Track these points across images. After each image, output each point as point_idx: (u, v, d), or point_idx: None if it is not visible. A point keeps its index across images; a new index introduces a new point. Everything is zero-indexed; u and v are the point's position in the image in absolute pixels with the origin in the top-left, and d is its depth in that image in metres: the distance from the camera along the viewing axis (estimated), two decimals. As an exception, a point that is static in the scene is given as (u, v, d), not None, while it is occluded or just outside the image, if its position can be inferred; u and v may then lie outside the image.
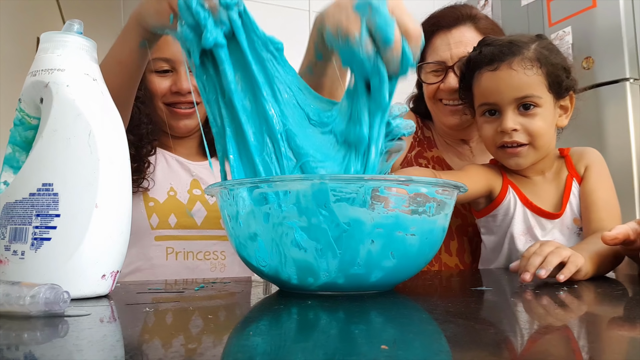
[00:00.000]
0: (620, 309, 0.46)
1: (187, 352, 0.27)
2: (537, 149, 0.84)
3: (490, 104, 0.85)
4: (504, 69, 0.82)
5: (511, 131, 0.82)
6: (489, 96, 0.85)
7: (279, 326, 0.35)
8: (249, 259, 0.52)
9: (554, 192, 0.89)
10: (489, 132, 0.86)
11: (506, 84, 0.82)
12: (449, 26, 1.02)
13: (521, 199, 0.89)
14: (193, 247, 0.95)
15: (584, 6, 1.92)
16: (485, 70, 0.85)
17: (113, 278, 0.49)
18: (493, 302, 0.49)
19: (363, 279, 0.48)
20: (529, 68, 0.81)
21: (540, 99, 0.82)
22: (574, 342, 0.31)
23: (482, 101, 0.86)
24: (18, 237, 0.45)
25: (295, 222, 0.46)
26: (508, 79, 0.82)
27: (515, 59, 0.82)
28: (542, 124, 0.82)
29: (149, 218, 0.93)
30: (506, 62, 0.82)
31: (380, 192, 0.47)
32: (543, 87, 0.82)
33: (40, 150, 0.47)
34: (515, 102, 0.82)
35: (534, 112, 0.82)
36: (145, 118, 0.99)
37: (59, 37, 0.49)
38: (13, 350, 0.28)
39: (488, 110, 0.86)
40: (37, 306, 0.36)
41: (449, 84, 1.00)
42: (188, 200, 0.98)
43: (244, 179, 0.57)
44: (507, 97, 0.82)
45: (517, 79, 0.81)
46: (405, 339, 0.31)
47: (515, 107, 0.83)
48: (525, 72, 0.81)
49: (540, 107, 0.82)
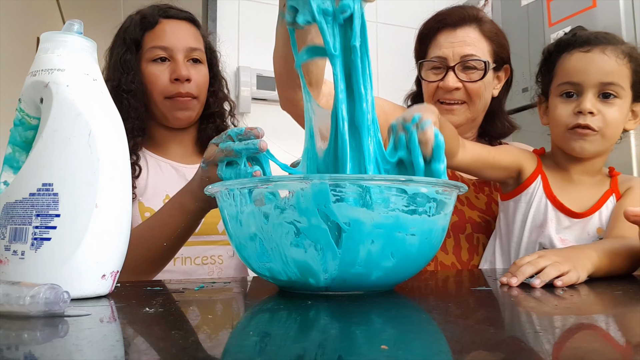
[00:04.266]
0: (619, 309, 0.46)
1: (187, 352, 0.27)
2: (604, 139, 0.85)
3: (574, 83, 0.85)
4: (596, 52, 0.84)
5: (587, 113, 0.83)
6: (574, 75, 0.85)
7: (279, 326, 0.35)
8: (249, 259, 0.52)
9: (588, 197, 0.88)
10: (563, 113, 0.86)
11: (596, 66, 0.83)
12: (454, 25, 1.02)
13: (546, 190, 0.89)
14: (190, 253, 0.96)
15: (584, 6, 1.91)
16: (577, 51, 0.85)
17: (113, 278, 0.49)
18: (493, 302, 0.49)
19: (363, 279, 0.48)
20: (621, 58, 0.83)
21: (622, 90, 0.83)
22: (574, 342, 0.31)
23: (566, 80, 0.86)
24: (18, 237, 0.45)
25: (295, 222, 0.46)
26: (599, 61, 0.83)
27: (609, 46, 0.84)
28: (617, 115, 0.83)
29: None
30: (600, 47, 0.84)
31: (380, 192, 0.47)
32: (627, 81, 0.83)
33: (40, 150, 0.47)
34: (598, 87, 0.83)
35: (613, 102, 0.83)
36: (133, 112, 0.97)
37: (59, 37, 0.49)
38: (13, 350, 0.28)
39: (566, 92, 0.86)
40: (37, 306, 0.36)
41: (449, 82, 1.00)
42: None
43: (244, 179, 0.57)
44: (593, 79, 0.83)
45: (608, 63, 0.83)
46: (405, 339, 0.31)
47: (596, 92, 0.83)
48: (617, 60, 0.83)
49: (620, 99, 0.83)
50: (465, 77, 1.01)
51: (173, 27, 1.00)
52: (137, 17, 1.01)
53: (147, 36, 0.99)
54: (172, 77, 0.97)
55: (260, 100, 2.22)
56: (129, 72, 0.97)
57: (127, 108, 0.96)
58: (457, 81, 1.01)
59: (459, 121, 1.03)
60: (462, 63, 1.01)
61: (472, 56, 1.00)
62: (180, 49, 0.99)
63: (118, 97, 0.96)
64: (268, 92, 2.21)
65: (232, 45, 2.22)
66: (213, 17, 2.19)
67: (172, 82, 0.97)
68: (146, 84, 0.99)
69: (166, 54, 0.98)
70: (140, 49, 1.00)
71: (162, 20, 1.00)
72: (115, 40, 1.03)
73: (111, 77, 0.98)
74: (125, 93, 0.96)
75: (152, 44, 0.98)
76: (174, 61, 0.98)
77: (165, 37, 0.98)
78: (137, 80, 0.97)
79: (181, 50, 0.99)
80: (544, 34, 2.02)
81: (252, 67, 2.20)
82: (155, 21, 0.99)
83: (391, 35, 2.44)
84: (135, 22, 1.00)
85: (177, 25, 1.01)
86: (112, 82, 0.97)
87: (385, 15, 2.52)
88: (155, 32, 0.99)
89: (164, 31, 0.99)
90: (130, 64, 0.97)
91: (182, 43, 0.99)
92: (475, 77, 1.01)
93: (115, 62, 0.99)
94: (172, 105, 0.99)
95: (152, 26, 0.99)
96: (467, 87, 1.01)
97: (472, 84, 1.01)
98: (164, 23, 1.00)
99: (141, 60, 1.00)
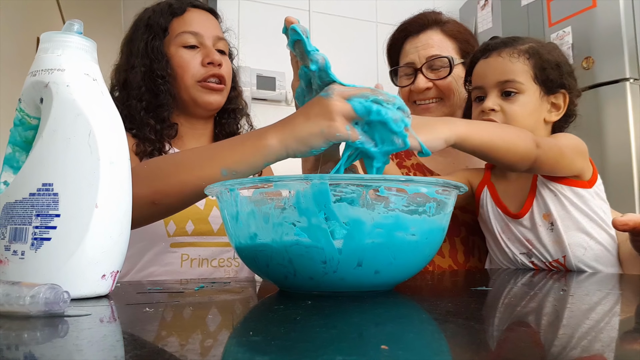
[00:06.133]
0: (619, 309, 0.46)
1: (187, 352, 0.27)
2: None
3: (479, 87, 0.92)
4: (493, 56, 0.91)
5: (489, 110, 0.89)
6: (478, 80, 0.93)
7: (279, 326, 0.35)
8: (248, 259, 0.52)
9: (523, 191, 0.91)
10: (474, 115, 0.93)
11: (492, 69, 0.90)
12: (417, 31, 1.11)
13: (494, 198, 0.93)
14: (208, 254, 0.94)
15: (584, 6, 1.91)
16: (480, 59, 0.93)
17: (113, 278, 0.49)
18: (493, 302, 0.49)
19: (363, 279, 0.48)
20: (515, 57, 0.89)
21: (522, 85, 0.88)
22: (573, 342, 0.31)
23: (474, 86, 0.94)
24: (18, 237, 0.45)
25: (295, 222, 0.46)
26: (494, 64, 0.90)
27: (505, 49, 0.90)
28: (519, 109, 0.88)
29: (166, 225, 0.91)
30: (496, 51, 0.91)
31: (380, 192, 0.47)
32: (527, 76, 0.88)
33: (40, 150, 0.47)
34: (498, 87, 0.89)
35: (515, 98, 0.88)
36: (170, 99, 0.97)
37: (59, 37, 0.49)
38: (13, 350, 0.28)
39: (478, 96, 0.93)
40: (37, 306, 0.36)
41: (419, 84, 1.07)
42: (205, 205, 0.95)
43: (244, 179, 0.57)
44: (491, 81, 0.90)
45: (502, 64, 0.89)
46: (405, 339, 0.31)
47: (498, 92, 0.89)
48: (511, 59, 0.89)
49: (522, 93, 0.88)
50: (433, 76, 1.08)
51: (201, 16, 1.02)
52: (163, 5, 1.02)
53: (175, 22, 1.00)
54: (204, 61, 0.98)
55: (260, 100, 2.22)
56: (161, 59, 0.97)
57: (164, 94, 0.97)
58: (427, 81, 1.07)
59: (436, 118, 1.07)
60: (428, 63, 1.07)
61: (436, 56, 1.07)
62: (210, 36, 1.00)
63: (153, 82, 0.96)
64: (268, 92, 2.21)
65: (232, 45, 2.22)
66: (213, 17, 2.19)
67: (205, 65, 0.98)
68: (176, 69, 0.98)
69: (196, 41, 0.99)
70: (168, 35, 1.00)
71: (189, 9, 1.02)
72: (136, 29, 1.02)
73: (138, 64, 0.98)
74: (161, 79, 0.96)
75: (182, 29, 0.99)
76: (203, 47, 0.99)
77: (195, 24, 1.00)
78: (169, 66, 0.98)
79: (210, 37, 1.00)
80: (544, 34, 2.02)
81: (252, 67, 2.20)
82: (184, 8, 1.01)
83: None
84: (163, 8, 1.01)
85: (204, 15, 1.03)
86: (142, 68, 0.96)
87: (385, 15, 2.52)
88: (184, 18, 1.01)
89: (192, 18, 1.01)
90: (160, 50, 0.98)
91: (211, 31, 1.01)
92: (442, 74, 1.07)
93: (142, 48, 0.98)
94: (203, 89, 0.99)
95: (181, 12, 1.01)
96: (438, 85, 1.08)
97: (442, 81, 1.07)
98: (192, 11, 1.02)
99: (170, 46, 1.00)
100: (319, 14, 2.42)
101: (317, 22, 2.40)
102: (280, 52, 2.29)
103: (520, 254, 0.89)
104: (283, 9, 2.35)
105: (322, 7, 2.44)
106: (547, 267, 0.87)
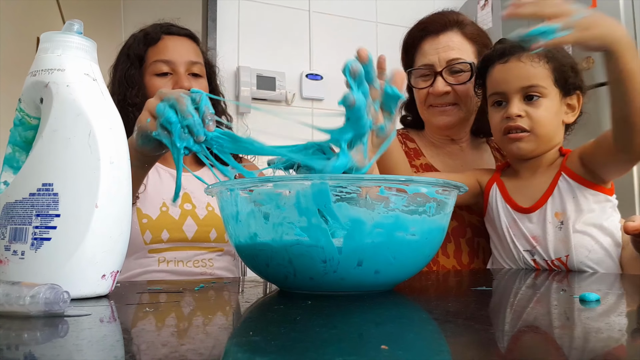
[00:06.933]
0: (618, 310, 0.46)
1: (187, 352, 0.27)
2: (539, 137, 0.89)
3: (499, 93, 0.91)
4: (513, 61, 0.89)
5: (515, 117, 0.88)
6: (497, 86, 0.91)
7: (279, 326, 0.35)
8: (249, 259, 0.52)
9: (538, 190, 0.91)
10: (496, 120, 0.92)
11: (514, 75, 0.89)
12: (436, 32, 1.06)
13: (503, 195, 0.94)
14: (183, 257, 0.99)
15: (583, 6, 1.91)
16: (497, 64, 0.91)
17: (113, 278, 0.49)
18: (493, 302, 0.49)
19: (363, 279, 0.48)
20: (536, 61, 0.88)
21: (545, 89, 0.87)
22: (573, 342, 0.31)
23: (492, 91, 0.92)
24: (18, 237, 0.45)
25: (295, 222, 0.46)
26: (516, 70, 0.89)
27: (524, 53, 0.89)
28: (545, 113, 0.88)
29: (143, 234, 0.96)
30: (515, 56, 0.89)
31: (380, 192, 0.47)
32: (549, 80, 0.88)
33: (40, 150, 0.47)
34: (521, 92, 0.88)
35: (538, 102, 0.88)
36: None
37: (59, 37, 0.49)
38: (13, 350, 0.28)
39: (497, 101, 0.92)
40: (37, 306, 0.36)
41: (438, 87, 1.04)
42: (179, 215, 1.00)
43: (244, 179, 0.57)
44: (514, 86, 0.88)
45: (524, 70, 0.88)
46: (405, 339, 0.31)
47: (521, 97, 0.88)
48: (532, 64, 0.88)
49: (545, 97, 0.88)
50: (453, 81, 1.05)
51: (175, 43, 1.05)
52: (140, 35, 1.07)
53: (151, 51, 1.04)
54: (174, 88, 1.01)
55: (260, 100, 2.22)
56: (134, 87, 1.01)
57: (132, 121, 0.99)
58: (446, 85, 1.04)
59: (452, 121, 1.07)
60: (449, 67, 1.04)
61: (457, 60, 1.03)
62: (182, 62, 1.03)
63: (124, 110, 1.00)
64: (268, 92, 2.21)
65: (232, 45, 2.22)
66: (213, 17, 2.19)
67: None
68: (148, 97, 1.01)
69: (169, 68, 1.02)
70: (144, 64, 1.04)
71: (164, 37, 1.05)
72: (119, 57, 1.08)
73: (116, 91, 1.03)
74: (131, 107, 1.00)
75: (155, 58, 1.03)
76: (176, 74, 1.03)
77: (168, 52, 1.03)
78: (141, 94, 1.01)
79: (182, 63, 1.03)
80: (544, 34, 2.02)
81: (252, 67, 2.20)
82: (158, 37, 1.05)
83: (391, 35, 2.44)
84: (139, 38, 1.06)
85: (179, 41, 1.06)
86: (118, 97, 1.01)
87: (385, 15, 2.52)
88: (158, 47, 1.04)
89: (166, 46, 1.04)
90: (134, 78, 1.02)
91: (183, 57, 1.04)
92: (463, 79, 1.05)
93: (120, 77, 1.04)
94: None
95: (155, 42, 1.05)
96: (456, 89, 1.05)
97: (461, 86, 1.05)
98: (166, 39, 1.05)
99: (144, 74, 1.04)
100: (319, 14, 2.42)
101: (317, 22, 2.40)
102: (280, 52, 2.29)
103: (524, 251, 0.90)
104: (283, 9, 2.35)
105: (322, 7, 2.44)
106: (549, 266, 0.88)
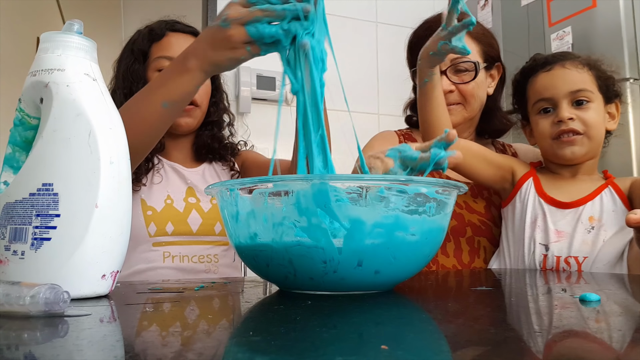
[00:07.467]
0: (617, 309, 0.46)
1: (187, 352, 0.27)
2: (591, 139, 0.89)
3: (546, 99, 0.91)
4: (557, 68, 0.91)
5: (567, 120, 0.88)
6: (544, 92, 0.91)
7: (279, 326, 0.35)
8: (249, 259, 0.52)
9: (581, 190, 0.91)
10: (545, 126, 0.92)
11: (561, 80, 0.90)
12: None
13: (537, 189, 0.93)
14: (188, 252, 0.99)
15: (584, 6, 1.91)
16: (540, 72, 0.93)
17: (113, 278, 0.49)
18: (493, 302, 0.49)
19: (363, 279, 0.48)
20: (580, 67, 0.90)
21: (592, 94, 0.89)
22: (573, 342, 0.31)
23: (538, 98, 0.93)
24: (18, 237, 0.45)
25: (295, 222, 0.46)
26: (562, 76, 0.90)
27: (567, 61, 0.91)
28: (595, 116, 0.89)
29: (147, 226, 0.97)
30: (559, 63, 0.91)
31: (380, 192, 0.47)
32: (594, 86, 0.90)
33: (40, 150, 0.47)
34: (569, 96, 0.89)
35: (587, 106, 0.89)
36: None
37: (59, 37, 0.49)
38: (13, 350, 0.28)
39: (543, 108, 0.92)
40: (37, 306, 0.36)
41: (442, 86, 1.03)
42: (184, 208, 1.01)
43: (244, 179, 0.57)
44: (562, 91, 0.89)
45: (570, 75, 0.90)
46: (405, 339, 0.31)
47: (569, 101, 0.89)
48: (578, 70, 0.90)
49: (593, 102, 0.89)
50: (457, 80, 1.05)
51: (179, 40, 1.06)
52: (145, 30, 1.08)
53: (154, 47, 1.05)
54: None
55: (260, 100, 2.22)
56: (139, 81, 1.02)
57: None
58: (450, 84, 1.04)
59: (456, 121, 1.07)
60: (453, 66, 1.04)
61: (461, 58, 1.03)
62: None
63: None
64: (268, 92, 2.21)
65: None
66: (213, 17, 2.19)
67: None
68: None
69: None
70: (147, 59, 1.05)
71: (168, 33, 1.06)
72: (124, 52, 1.09)
73: (121, 86, 1.04)
74: None
75: (159, 54, 1.04)
76: None
77: (171, 48, 1.04)
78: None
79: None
80: (544, 34, 2.02)
81: (252, 67, 2.19)
82: (163, 34, 1.06)
83: (391, 35, 2.44)
84: (144, 34, 1.07)
85: (183, 38, 1.07)
86: (124, 90, 1.02)
87: (385, 15, 2.52)
88: (162, 43, 1.05)
89: (170, 43, 1.05)
90: (138, 73, 1.04)
91: None
92: (467, 78, 1.05)
93: (123, 71, 1.05)
94: None
95: (160, 38, 1.06)
96: (461, 88, 1.05)
97: (465, 86, 1.04)
98: (171, 35, 1.06)
99: (148, 70, 1.05)
100: (319, 14, 2.42)
101: (317, 22, 2.40)
102: (280, 52, 2.29)
103: (540, 244, 0.90)
104: (283, 9, 2.34)
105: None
106: (557, 265, 0.87)
